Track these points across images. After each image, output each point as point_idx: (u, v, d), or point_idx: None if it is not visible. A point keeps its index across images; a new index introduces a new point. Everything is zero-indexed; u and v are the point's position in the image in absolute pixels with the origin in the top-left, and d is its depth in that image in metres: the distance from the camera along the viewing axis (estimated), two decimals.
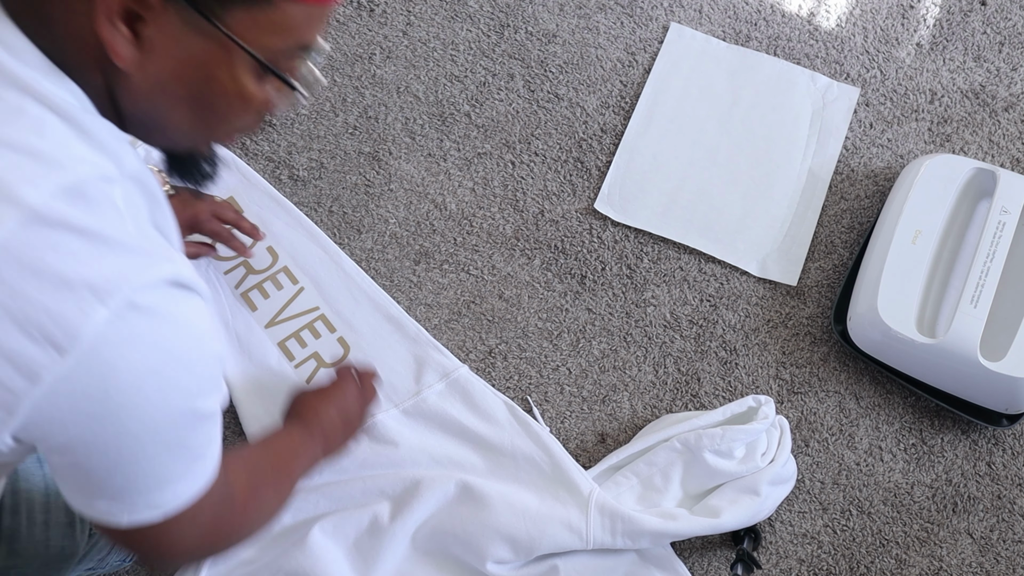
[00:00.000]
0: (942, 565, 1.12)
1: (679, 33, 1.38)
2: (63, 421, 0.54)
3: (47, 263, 0.51)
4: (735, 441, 1.08)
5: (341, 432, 0.98)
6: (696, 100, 1.35)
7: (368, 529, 1.07)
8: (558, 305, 1.23)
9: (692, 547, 1.11)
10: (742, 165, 1.30)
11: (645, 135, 1.32)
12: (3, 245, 0.50)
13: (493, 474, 1.10)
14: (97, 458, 0.57)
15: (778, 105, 1.34)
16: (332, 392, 0.99)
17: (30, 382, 0.52)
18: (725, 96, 1.35)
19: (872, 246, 1.20)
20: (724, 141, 1.32)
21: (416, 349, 1.18)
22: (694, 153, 1.31)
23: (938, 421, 1.18)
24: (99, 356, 0.52)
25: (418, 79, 1.34)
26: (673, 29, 1.38)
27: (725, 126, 1.33)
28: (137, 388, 0.54)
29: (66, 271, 0.51)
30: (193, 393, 0.58)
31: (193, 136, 0.65)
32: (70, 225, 0.52)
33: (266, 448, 0.84)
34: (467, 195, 1.28)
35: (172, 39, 0.56)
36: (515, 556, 1.04)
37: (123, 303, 0.52)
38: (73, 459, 0.57)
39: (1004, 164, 1.31)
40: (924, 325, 1.14)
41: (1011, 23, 1.39)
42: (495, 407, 1.14)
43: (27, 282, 0.50)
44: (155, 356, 0.54)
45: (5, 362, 0.51)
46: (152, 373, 0.55)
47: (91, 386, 0.53)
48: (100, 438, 0.55)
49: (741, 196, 1.29)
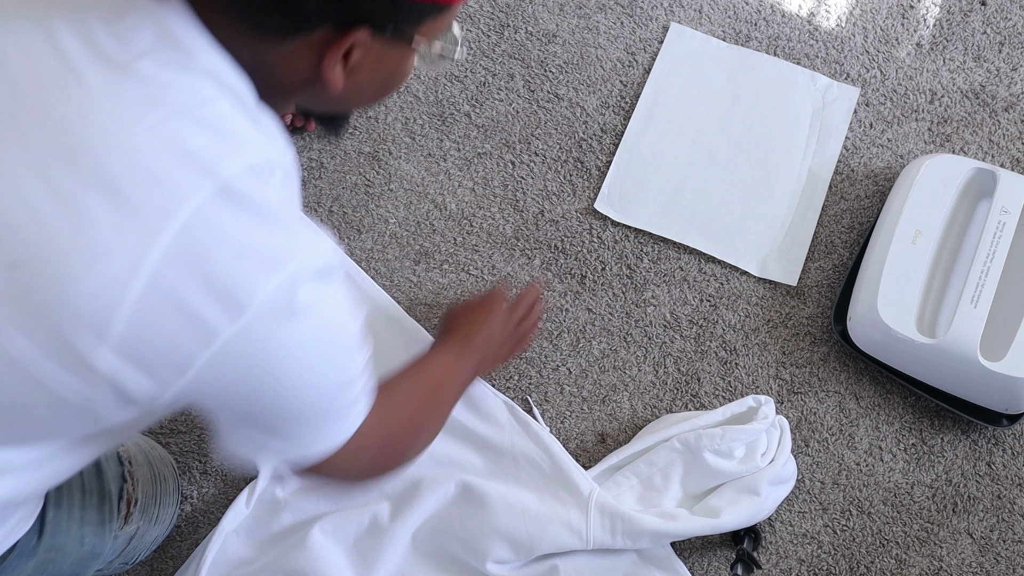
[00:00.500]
0: (942, 565, 1.12)
1: (679, 33, 1.38)
2: (225, 381, 0.59)
3: (231, 232, 0.56)
4: (735, 441, 1.08)
5: (492, 352, 1.06)
6: (696, 100, 1.35)
7: (368, 529, 1.07)
8: (558, 305, 1.23)
9: (692, 547, 1.11)
10: (742, 165, 1.30)
11: (645, 135, 1.32)
12: (198, 210, 0.55)
13: (493, 474, 1.10)
14: (258, 412, 0.63)
15: (778, 105, 1.34)
16: (483, 311, 1.06)
17: (205, 342, 0.56)
18: (725, 96, 1.35)
19: (872, 246, 1.20)
20: (724, 141, 1.32)
21: (416, 349, 1.18)
22: (694, 153, 1.31)
23: (938, 421, 1.18)
24: (265, 321, 0.57)
25: (418, 79, 1.34)
26: (673, 29, 1.38)
27: (725, 126, 1.33)
28: (296, 355, 0.60)
29: (246, 241, 0.56)
30: (345, 357, 0.66)
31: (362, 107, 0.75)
32: (251, 201, 0.57)
33: (420, 371, 0.92)
34: (467, 195, 1.28)
35: (375, 58, 0.64)
36: (515, 556, 1.04)
37: (290, 275, 0.58)
38: (232, 415, 0.64)
39: (1004, 164, 1.31)
40: (924, 325, 1.14)
41: (1011, 23, 1.39)
42: (495, 407, 1.14)
43: (214, 247, 0.55)
44: (316, 324, 0.61)
45: (187, 321, 0.55)
46: (314, 338, 0.61)
47: (256, 350, 0.58)
48: (259, 397, 0.61)
49: (741, 196, 1.29)
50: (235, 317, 0.56)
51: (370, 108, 0.85)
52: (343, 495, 1.07)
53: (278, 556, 1.05)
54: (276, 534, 1.08)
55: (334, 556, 1.05)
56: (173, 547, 1.10)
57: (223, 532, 1.07)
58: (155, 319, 0.55)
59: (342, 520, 1.07)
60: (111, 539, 0.90)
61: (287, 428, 0.65)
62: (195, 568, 1.05)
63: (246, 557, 1.07)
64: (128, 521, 0.94)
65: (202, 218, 0.55)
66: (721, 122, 1.33)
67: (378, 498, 1.09)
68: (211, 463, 1.15)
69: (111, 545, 0.91)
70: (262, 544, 1.08)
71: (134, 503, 0.94)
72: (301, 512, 1.09)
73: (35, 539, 0.79)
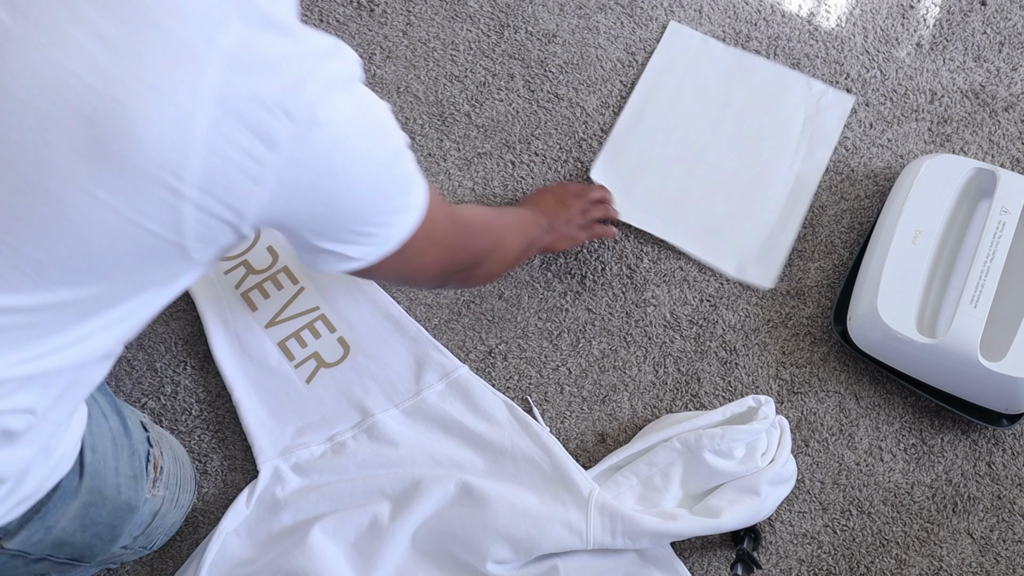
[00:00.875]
0: (942, 565, 1.12)
1: (677, 31, 1.38)
2: (299, 187, 0.65)
3: (267, 49, 0.61)
4: (735, 441, 1.08)
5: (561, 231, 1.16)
6: (689, 99, 1.34)
7: (368, 529, 1.07)
8: (558, 305, 1.23)
9: (692, 547, 1.11)
10: (729, 166, 1.30)
11: (635, 130, 1.32)
12: (237, 34, 0.59)
13: (493, 474, 1.10)
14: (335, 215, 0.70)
15: (771, 108, 1.34)
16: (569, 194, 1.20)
17: (271, 150, 0.61)
18: (718, 97, 1.35)
19: (872, 246, 1.20)
20: (713, 141, 1.32)
21: (416, 349, 1.18)
22: (682, 151, 1.31)
23: (938, 421, 1.18)
24: (317, 119, 0.62)
25: (418, 79, 1.34)
26: (672, 27, 1.38)
27: (716, 126, 1.33)
28: (352, 141, 0.66)
29: (284, 53, 0.62)
30: (388, 132, 0.72)
31: None
32: (276, 19, 0.62)
33: (494, 207, 1.06)
34: (467, 195, 1.28)
35: None
36: (515, 556, 1.04)
37: (329, 75, 0.63)
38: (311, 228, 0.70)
39: (1004, 164, 1.31)
40: (924, 325, 1.14)
41: (1011, 23, 1.39)
42: (495, 407, 1.14)
43: (258, 63, 0.60)
44: (359, 111, 0.67)
45: (251, 134, 0.60)
46: (362, 119, 0.67)
47: (318, 147, 0.64)
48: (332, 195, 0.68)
49: (725, 197, 1.28)
50: (293, 121, 0.61)
51: None
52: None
53: (278, 556, 1.05)
54: (276, 534, 1.08)
55: (334, 556, 1.05)
56: (173, 547, 1.10)
57: (223, 532, 1.07)
58: (222, 142, 0.60)
59: (342, 520, 1.07)
60: (143, 498, 0.93)
61: (364, 221, 0.72)
62: (195, 568, 1.05)
63: (246, 557, 1.07)
64: (156, 485, 0.96)
65: (241, 40, 0.59)
66: (712, 122, 1.33)
67: (378, 498, 1.09)
68: (211, 463, 1.15)
69: (143, 507, 0.94)
70: (262, 544, 1.08)
71: (160, 470, 0.98)
72: (301, 512, 1.09)
73: (76, 479, 0.82)
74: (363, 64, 1.42)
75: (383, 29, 1.37)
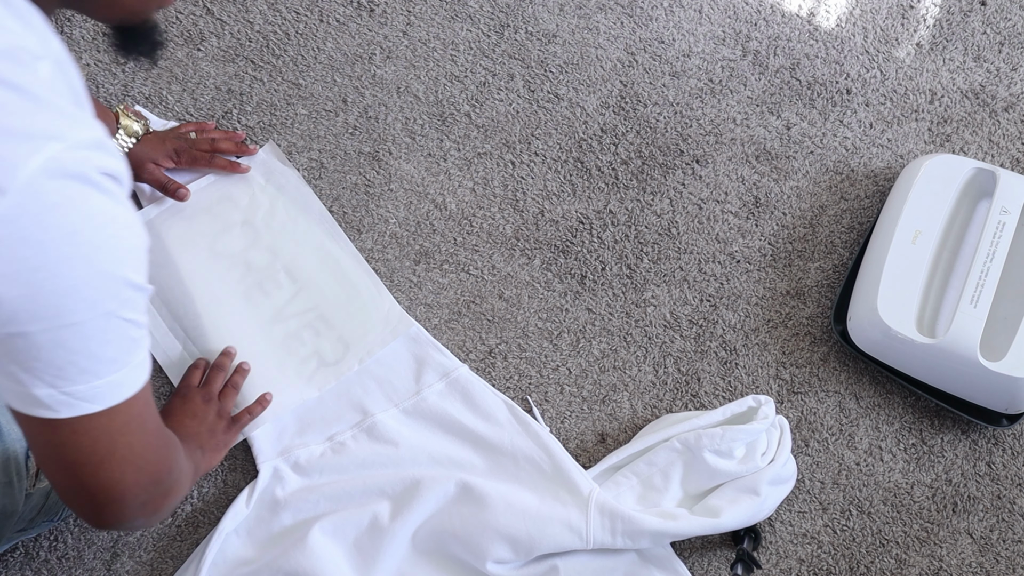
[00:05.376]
0: (942, 565, 1.12)
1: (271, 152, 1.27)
2: (4, 273, 0.56)
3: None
4: (735, 441, 1.08)
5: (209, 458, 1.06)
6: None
7: (368, 529, 1.07)
8: (558, 305, 1.23)
9: (692, 547, 1.11)
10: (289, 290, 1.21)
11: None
12: None
13: (493, 474, 1.10)
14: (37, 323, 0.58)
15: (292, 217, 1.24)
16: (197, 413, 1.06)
17: None
18: None
19: (872, 246, 1.20)
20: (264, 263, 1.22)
21: (416, 349, 1.18)
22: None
23: (938, 421, 1.18)
24: (35, 198, 0.55)
25: (418, 79, 1.34)
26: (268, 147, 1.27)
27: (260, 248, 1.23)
28: (70, 235, 0.57)
29: (6, 121, 0.55)
30: (122, 255, 0.60)
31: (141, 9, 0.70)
32: (10, 82, 0.55)
33: None
34: (467, 195, 1.28)
35: None
36: (515, 556, 1.04)
37: (56, 153, 0.55)
38: (17, 329, 0.58)
39: (1004, 164, 1.31)
40: (924, 325, 1.14)
41: (1011, 23, 1.39)
42: (495, 407, 1.14)
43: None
44: (85, 207, 0.58)
45: None
46: (85, 219, 0.58)
47: (27, 229, 0.55)
48: (39, 294, 0.57)
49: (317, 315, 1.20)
50: (1, 195, 0.54)
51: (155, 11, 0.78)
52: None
53: (278, 556, 1.05)
54: (276, 534, 1.08)
55: (334, 556, 1.05)
56: (173, 547, 1.10)
57: (223, 532, 1.07)
58: None
59: (342, 520, 1.07)
60: (23, 498, 0.91)
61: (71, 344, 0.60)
62: (195, 568, 1.05)
63: (246, 557, 1.07)
64: (40, 478, 0.94)
65: None
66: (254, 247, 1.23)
67: (378, 498, 1.09)
68: None
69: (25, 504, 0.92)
70: (262, 544, 1.08)
71: None
72: (301, 512, 1.09)
73: None
74: (363, 64, 1.42)
75: (383, 29, 1.37)
